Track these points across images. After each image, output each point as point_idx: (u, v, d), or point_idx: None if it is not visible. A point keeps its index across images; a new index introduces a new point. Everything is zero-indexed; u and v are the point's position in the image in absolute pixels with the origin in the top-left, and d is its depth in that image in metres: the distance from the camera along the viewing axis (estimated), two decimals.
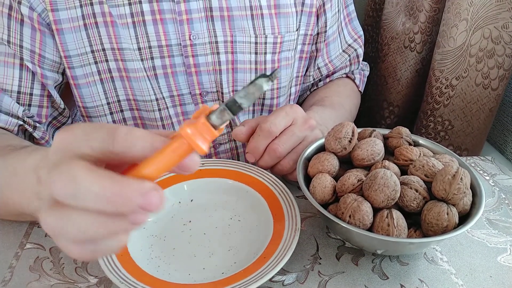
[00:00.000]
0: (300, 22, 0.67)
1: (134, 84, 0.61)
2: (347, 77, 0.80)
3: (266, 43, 0.64)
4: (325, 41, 0.72)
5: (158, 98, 0.63)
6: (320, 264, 0.45)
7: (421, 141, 0.52)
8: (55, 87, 0.62)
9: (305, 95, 0.81)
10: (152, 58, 0.60)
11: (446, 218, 0.40)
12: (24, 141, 0.53)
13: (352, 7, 0.77)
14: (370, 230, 0.41)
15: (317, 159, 0.48)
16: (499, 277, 0.44)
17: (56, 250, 0.46)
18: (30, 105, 0.58)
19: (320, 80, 0.78)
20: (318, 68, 0.75)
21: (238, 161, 0.59)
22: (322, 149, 0.51)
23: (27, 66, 0.57)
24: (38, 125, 0.59)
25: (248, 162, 0.55)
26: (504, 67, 0.70)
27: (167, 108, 0.65)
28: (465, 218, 0.42)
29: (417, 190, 0.42)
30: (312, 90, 0.80)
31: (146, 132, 0.25)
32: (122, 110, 0.65)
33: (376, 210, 0.42)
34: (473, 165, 0.62)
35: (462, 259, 0.46)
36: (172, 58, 0.61)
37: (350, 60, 0.78)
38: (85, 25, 0.57)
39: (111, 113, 0.65)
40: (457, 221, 0.41)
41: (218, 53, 0.62)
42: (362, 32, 0.79)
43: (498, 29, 0.68)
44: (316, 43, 0.72)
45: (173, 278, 0.41)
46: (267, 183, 0.51)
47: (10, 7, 0.55)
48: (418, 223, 0.43)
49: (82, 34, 0.58)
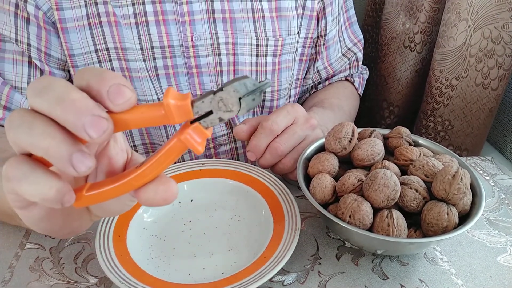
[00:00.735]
0: (300, 25, 0.67)
1: (136, 84, 0.62)
2: (346, 80, 0.81)
3: (267, 46, 0.64)
4: (325, 44, 0.72)
5: (159, 98, 0.63)
6: (320, 264, 0.45)
7: (421, 141, 0.52)
8: None
9: (304, 97, 0.81)
10: (154, 59, 0.60)
11: (446, 218, 0.40)
12: None
13: (352, 11, 0.77)
14: (370, 230, 0.41)
15: (317, 159, 0.48)
16: (499, 277, 0.44)
17: (56, 250, 0.46)
18: None
19: (319, 82, 0.78)
20: (318, 71, 0.75)
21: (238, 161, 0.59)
22: (322, 149, 0.51)
23: (35, 64, 0.57)
24: None
25: (248, 161, 0.55)
26: (504, 67, 0.70)
27: None
28: (465, 218, 0.42)
29: (417, 190, 0.42)
30: (311, 92, 0.80)
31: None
32: None
33: (376, 210, 0.42)
34: (473, 165, 0.62)
35: (462, 259, 0.46)
36: (174, 59, 0.61)
37: (349, 63, 0.78)
38: (89, 24, 0.58)
39: None
40: (457, 221, 0.41)
41: (219, 54, 0.62)
42: (362, 36, 0.79)
43: (498, 29, 0.68)
44: (315, 46, 0.72)
45: (173, 278, 0.41)
46: (267, 183, 0.51)
47: (17, 6, 0.55)
48: (418, 223, 0.43)
49: (86, 33, 0.58)
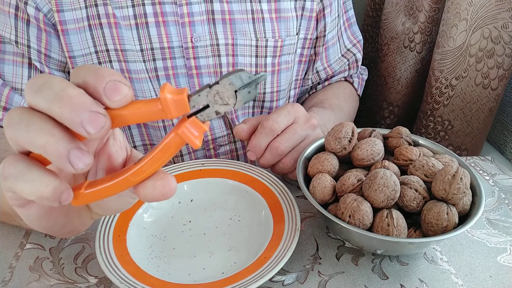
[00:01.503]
0: (300, 26, 0.67)
1: (136, 85, 0.62)
2: (346, 80, 0.81)
3: (266, 47, 0.64)
4: (324, 45, 0.72)
5: None
6: (320, 264, 0.45)
7: (421, 141, 0.52)
8: None
9: (303, 98, 0.81)
10: (154, 60, 0.60)
11: (446, 218, 0.40)
12: None
13: (351, 12, 0.77)
14: (370, 230, 0.41)
15: (317, 159, 0.48)
16: (499, 277, 0.44)
17: (56, 250, 0.46)
18: None
19: (319, 83, 0.78)
20: (317, 71, 0.75)
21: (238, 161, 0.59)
22: (322, 149, 0.51)
23: (35, 66, 0.57)
24: None
25: (248, 161, 0.54)
26: (503, 67, 0.70)
27: None
28: (465, 218, 0.42)
29: (417, 190, 0.42)
30: (310, 92, 0.80)
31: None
32: None
33: (376, 210, 0.42)
34: (473, 165, 0.62)
35: (462, 259, 0.46)
36: (173, 60, 0.61)
37: (349, 64, 0.78)
38: (89, 26, 0.58)
39: None
40: (457, 221, 0.41)
41: (219, 55, 0.62)
42: (361, 37, 0.80)
43: (498, 29, 0.68)
44: (315, 47, 0.73)
45: (173, 278, 0.41)
46: (267, 183, 0.51)
47: (17, 7, 0.55)
48: (418, 223, 0.43)
49: (86, 35, 0.58)
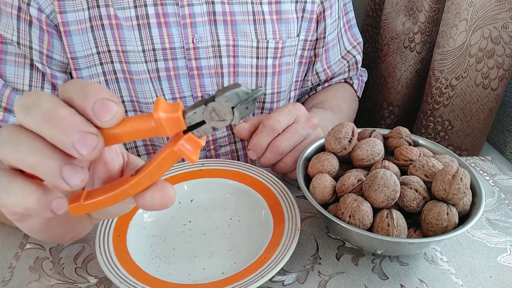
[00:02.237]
0: (300, 28, 0.67)
1: (137, 86, 0.62)
2: (346, 82, 0.81)
3: (267, 48, 0.64)
4: (324, 47, 0.72)
5: None
6: (320, 264, 0.45)
7: (421, 141, 0.52)
8: None
9: (303, 99, 0.81)
10: (155, 61, 0.60)
11: (446, 218, 0.40)
12: None
13: (352, 14, 0.77)
14: (370, 230, 0.41)
15: (317, 159, 0.48)
16: (499, 277, 0.44)
17: (56, 250, 0.46)
18: None
19: (318, 84, 0.79)
20: (317, 73, 0.75)
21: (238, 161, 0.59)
22: (322, 149, 0.51)
23: (37, 67, 0.57)
24: None
25: (249, 161, 0.54)
26: (504, 67, 0.70)
27: None
28: (465, 218, 0.42)
29: (417, 190, 0.42)
30: (310, 94, 0.80)
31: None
32: (126, 111, 0.65)
33: (376, 210, 0.42)
34: (473, 165, 0.62)
35: (462, 259, 0.46)
36: (175, 61, 0.61)
37: (348, 66, 0.79)
38: (91, 27, 0.58)
39: None
40: (457, 221, 0.41)
41: (220, 56, 0.62)
42: (361, 39, 0.80)
43: (498, 29, 0.68)
44: (315, 49, 0.73)
45: (173, 278, 0.41)
46: (267, 183, 0.51)
47: (19, 9, 0.55)
48: (418, 223, 0.43)
49: (88, 36, 0.58)
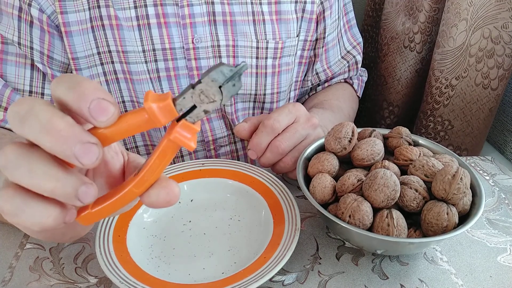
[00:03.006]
0: (300, 28, 0.67)
1: (137, 86, 0.62)
2: (346, 82, 0.81)
3: (267, 48, 0.64)
4: (324, 47, 0.72)
5: None
6: (320, 264, 0.45)
7: (421, 141, 0.52)
8: None
9: (303, 99, 0.81)
10: (155, 61, 0.60)
11: (446, 218, 0.40)
12: None
13: (351, 15, 0.77)
14: (370, 230, 0.41)
15: (317, 159, 0.48)
16: (499, 277, 0.44)
17: (56, 250, 0.46)
18: None
19: (318, 84, 0.79)
20: (317, 73, 0.75)
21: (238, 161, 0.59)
22: (322, 149, 0.51)
23: (38, 67, 0.57)
24: None
25: (249, 161, 0.54)
26: (503, 67, 0.70)
27: None
28: (465, 218, 0.42)
29: (417, 190, 0.42)
30: (310, 94, 0.80)
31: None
32: (126, 111, 0.65)
33: (376, 210, 0.42)
34: (473, 165, 0.62)
35: (462, 259, 0.46)
36: (175, 61, 0.61)
37: (348, 66, 0.79)
38: (92, 27, 0.58)
39: None
40: (457, 221, 0.41)
41: (220, 56, 0.62)
42: (361, 39, 0.80)
43: (498, 29, 0.68)
44: (314, 49, 0.73)
45: (173, 278, 0.41)
46: (267, 183, 0.51)
47: (20, 9, 0.55)
48: (418, 223, 0.43)
49: (89, 36, 0.58)
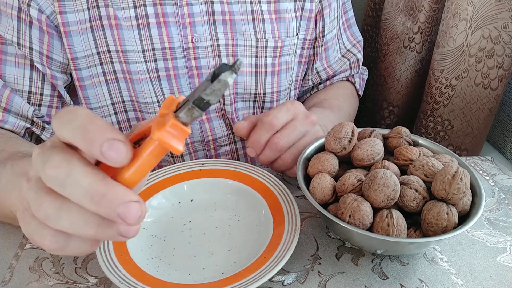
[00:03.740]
0: (299, 27, 0.67)
1: (136, 86, 0.62)
2: (348, 80, 0.81)
3: (266, 47, 0.64)
4: (323, 46, 0.72)
5: (159, 100, 0.63)
6: (320, 264, 0.45)
7: (421, 141, 0.52)
8: (65, 87, 0.62)
9: (304, 97, 0.81)
10: (155, 60, 0.60)
11: (446, 218, 0.40)
12: (33, 145, 0.53)
13: (351, 13, 0.77)
14: (370, 230, 0.41)
15: (317, 159, 0.48)
16: (499, 277, 0.44)
17: None
18: (40, 105, 0.59)
19: (320, 83, 0.78)
20: (317, 72, 0.75)
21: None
22: (322, 149, 0.51)
23: (37, 67, 0.57)
24: (47, 125, 0.60)
25: (248, 159, 0.54)
26: (503, 67, 0.70)
27: None
28: (465, 218, 0.42)
29: (417, 190, 0.42)
30: (312, 92, 0.80)
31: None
32: (126, 111, 0.66)
33: (376, 210, 0.42)
34: (473, 165, 0.62)
35: (462, 259, 0.46)
36: (175, 61, 0.61)
37: (350, 64, 0.78)
38: (91, 27, 0.58)
39: (116, 113, 0.65)
40: (456, 221, 0.41)
41: (219, 56, 0.62)
42: (361, 37, 0.80)
43: (498, 29, 0.68)
44: (314, 48, 0.73)
45: (173, 278, 0.41)
46: (267, 183, 0.51)
47: (19, 10, 0.55)
48: (418, 223, 0.43)
49: (88, 36, 0.58)
